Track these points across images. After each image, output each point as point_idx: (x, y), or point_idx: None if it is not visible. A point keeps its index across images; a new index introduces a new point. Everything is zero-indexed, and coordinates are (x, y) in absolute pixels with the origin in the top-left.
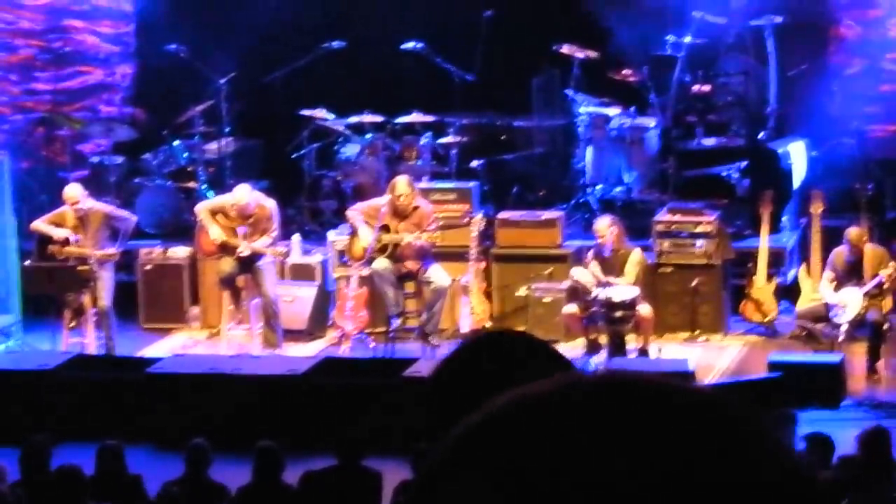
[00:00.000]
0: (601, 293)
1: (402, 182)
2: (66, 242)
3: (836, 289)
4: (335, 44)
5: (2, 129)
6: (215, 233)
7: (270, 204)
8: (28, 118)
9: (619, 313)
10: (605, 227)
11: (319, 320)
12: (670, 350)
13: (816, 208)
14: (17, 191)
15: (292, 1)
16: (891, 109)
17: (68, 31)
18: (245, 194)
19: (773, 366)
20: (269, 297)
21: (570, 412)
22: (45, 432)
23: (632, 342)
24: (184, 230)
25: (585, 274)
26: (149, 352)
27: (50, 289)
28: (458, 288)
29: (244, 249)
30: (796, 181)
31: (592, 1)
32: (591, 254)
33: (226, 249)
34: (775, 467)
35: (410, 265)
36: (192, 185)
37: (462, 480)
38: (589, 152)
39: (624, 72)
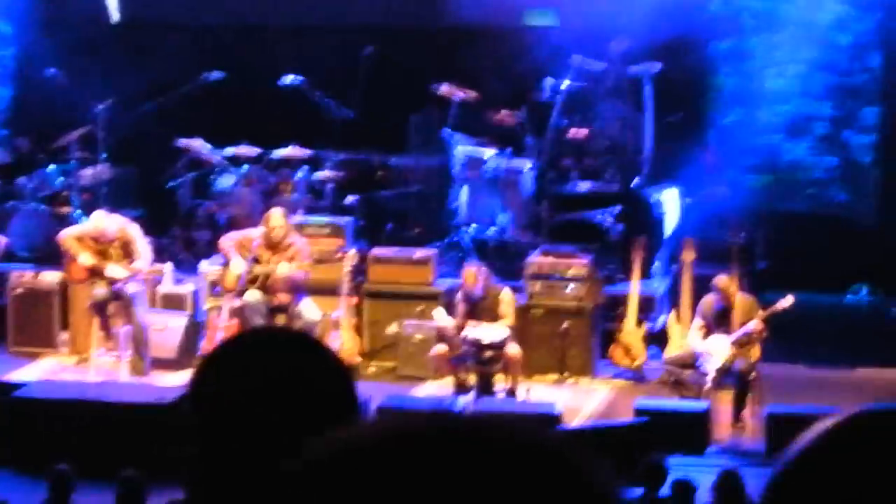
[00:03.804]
0: (470, 333)
1: (276, 214)
2: None
3: (705, 336)
4: (214, 74)
5: None
6: (84, 258)
7: (132, 227)
8: None
9: (487, 354)
10: (473, 275)
11: (189, 350)
12: (539, 392)
13: (688, 256)
14: None
15: (173, 30)
16: (764, 160)
17: None
18: (101, 220)
19: (639, 411)
20: (139, 325)
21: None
22: None
23: (501, 383)
24: (56, 255)
25: (446, 318)
26: (16, 376)
27: None
28: (329, 323)
29: (116, 272)
30: (668, 228)
31: (472, 42)
32: (459, 296)
33: (96, 274)
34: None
35: (282, 298)
36: (66, 210)
37: None
38: (464, 192)
39: (501, 113)
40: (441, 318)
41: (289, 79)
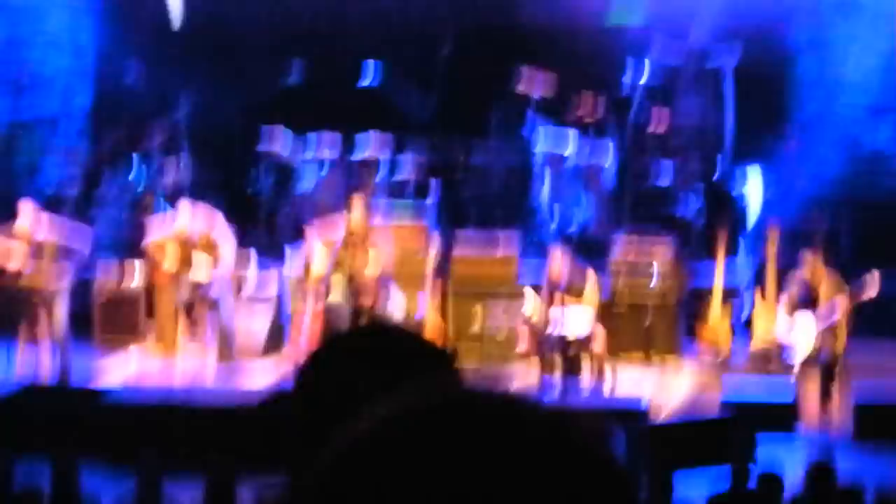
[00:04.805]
0: (555, 330)
1: (358, 204)
2: (18, 274)
3: (791, 312)
4: (293, 76)
5: None
6: (168, 264)
7: (217, 222)
8: None
9: (572, 351)
10: (557, 265)
11: (274, 348)
12: (625, 377)
13: (772, 244)
14: None
15: (250, 29)
16: (846, 149)
17: (26, 62)
18: (184, 221)
19: (726, 403)
20: (224, 328)
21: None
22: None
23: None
24: (140, 258)
25: (534, 300)
26: (103, 368)
27: (3, 312)
28: (413, 323)
29: (200, 276)
30: (752, 218)
31: (551, 39)
32: (545, 283)
33: (181, 277)
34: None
35: (365, 300)
36: (149, 212)
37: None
38: (545, 189)
39: (581, 109)
40: (530, 298)
41: (368, 79)
